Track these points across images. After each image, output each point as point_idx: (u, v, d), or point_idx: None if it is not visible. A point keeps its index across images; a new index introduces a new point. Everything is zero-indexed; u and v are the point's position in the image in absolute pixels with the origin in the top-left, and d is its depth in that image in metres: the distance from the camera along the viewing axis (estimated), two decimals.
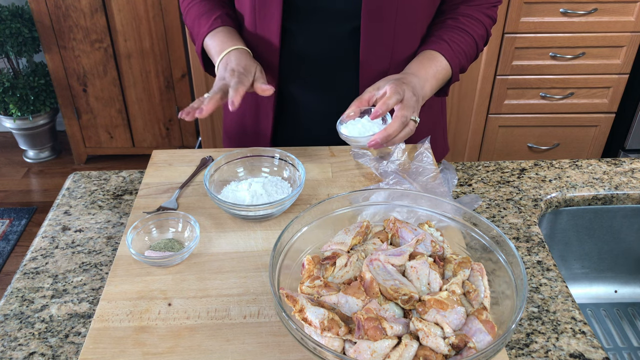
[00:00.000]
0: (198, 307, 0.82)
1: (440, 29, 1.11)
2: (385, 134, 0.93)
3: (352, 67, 1.09)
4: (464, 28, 1.10)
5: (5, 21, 2.60)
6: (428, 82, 1.05)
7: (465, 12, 1.12)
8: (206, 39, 1.10)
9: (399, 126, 0.93)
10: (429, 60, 1.07)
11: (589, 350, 0.79)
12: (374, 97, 0.97)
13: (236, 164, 1.04)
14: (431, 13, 1.12)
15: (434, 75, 1.06)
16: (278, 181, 1.02)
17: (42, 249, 0.96)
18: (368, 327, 0.65)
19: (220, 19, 1.11)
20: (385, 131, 0.93)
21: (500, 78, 2.36)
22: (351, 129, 0.99)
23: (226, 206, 0.94)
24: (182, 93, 2.81)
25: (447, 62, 1.08)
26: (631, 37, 2.26)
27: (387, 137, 0.93)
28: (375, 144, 0.93)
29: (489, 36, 1.16)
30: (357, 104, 0.98)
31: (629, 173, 1.15)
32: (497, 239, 0.78)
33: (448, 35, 1.09)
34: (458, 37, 1.10)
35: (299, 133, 1.20)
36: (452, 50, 1.08)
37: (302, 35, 1.08)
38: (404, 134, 0.95)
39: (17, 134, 2.99)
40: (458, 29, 1.10)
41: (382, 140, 0.93)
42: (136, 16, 2.60)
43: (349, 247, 0.79)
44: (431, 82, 1.06)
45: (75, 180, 1.13)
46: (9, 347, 0.79)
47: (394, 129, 0.93)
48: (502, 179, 1.13)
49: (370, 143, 0.94)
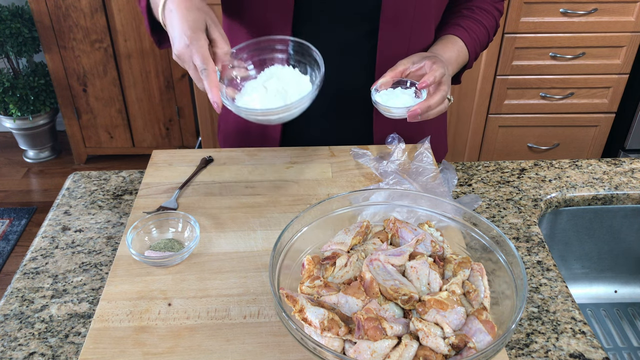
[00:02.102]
0: (198, 307, 0.82)
1: (456, 17, 1.15)
2: (427, 104, 0.95)
3: (366, 69, 1.09)
4: (478, 18, 1.14)
5: (5, 21, 2.60)
6: (451, 65, 1.08)
7: (477, 4, 1.16)
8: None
9: (440, 99, 0.96)
10: (452, 43, 1.10)
11: (589, 350, 0.79)
12: (408, 70, 0.99)
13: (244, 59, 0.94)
14: (442, 10, 1.15)
15: (455, 59, 1.09)
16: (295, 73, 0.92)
17: (42, 249, 0.96)
18: (368, 327, 0.65)
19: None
20: (427, 102, 0.95)
21: (500, 78, 2.36)
22: (385, 99, 1.00)
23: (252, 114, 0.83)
24: (182, 93, 2.81)
25: (465, 48, 1.11)
26: (631, 37, 2.26)
27: (427, 109, 0.96)
28: (414, 114, 0.96)
29: (497, 27, 1.20)
30: (391, 75, 0.99)
31: (629, 173, 1.15)
32: (497, 239, 0.78)
33: (465, 22, 1.13)
34: (474, 26, 1.14)
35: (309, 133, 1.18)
36: (470, 36, 1.12)
37: (314, 38, 1.08)
38: (441, 108, 0.98)
39: (17, 134, 2.99)
40: (472, 19, 1.14)
41: (422, 111, 0.96)
42: (136, 16, 2.60)
43: (349, 247, 0.79)
44: (453, 65, 1.09)
45: (75, 180, 1.13)
46: (9, 347, 0.79)
47: (435, 101, 0.95)
48: (502, 179, 1.13)
49: (411, 112, 0.96)
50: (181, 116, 2.88)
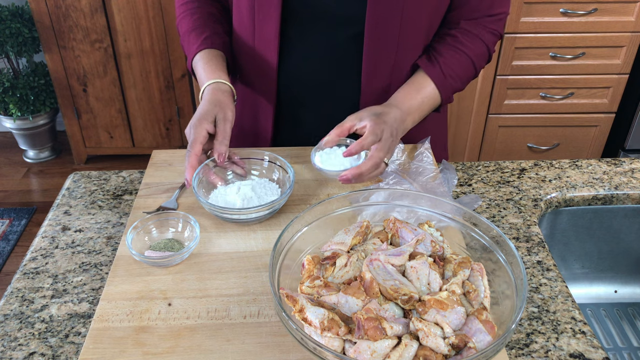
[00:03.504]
0: (198, 307, 0.82)
1: (438, 45, 1.10)
2: (358, 171, 0.95)
3: (353, 72, 1.09)
4: (462, 49, 1.08)
5: (5, 21, 2.60)
6: (410, 116, 1.06)
7: (466, 28, 1.09)
8: (194, 60, 1.12)
9: (372, 166, 0.95)
10: (416, 90, 1.07)
11: (589, 350, 0.79)
12: (354, 127, 0.98)
13: (225, 166, 1.04)
14: (435, 22, 1.10)
15: (418, 108, 1.07)
16: (266, 183, 1.01)
17: (42, 249, 0.96)
18: (368, 327, 0.65)
19: (209, 39, 1.12)
20: (358, 169, 0.94)
21: (500, 78, 2.36)
22: (325, 159, 1.01)
23: (217, 210, 0.94)
24: (182, 93, 2.81)
25: (436, 91, 1.08)
26: (631, 37, 2.26)
27: (358, 175, 0.95)
28: (345, 179, 0.95)
29: (491, 54, 1.13)
30: (337, 132, 0.98)
31: (629, 173, 1.15)
32: (497, 239, 0.78)
33: (444, 57, 1.08)
34: (454, 60, 1.08)
35: (299, 134, 1.19)
36: (445, 76, 1.08)
37: (302, 41, 1.08)
38: (374, 174, 0.97)
39: (17, 134, 2.99)
40: (455, 49, 1.08)
41: (352, 177, 0.95)
42: (136, 16, 2.60)
43: (349, 247, 0.79)
44: (414, 115, 1.07)
45: (75, 180, 1.13)
46: (9, 347, 0.79)
47: (367, 168, 0.94)
48: (502, 179, 1.13)
49: (341, 178, 0.95)
50: (181, 116, 2.88)
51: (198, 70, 1.10)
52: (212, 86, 1.05)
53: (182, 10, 1.18)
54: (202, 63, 1.10)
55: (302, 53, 1.09)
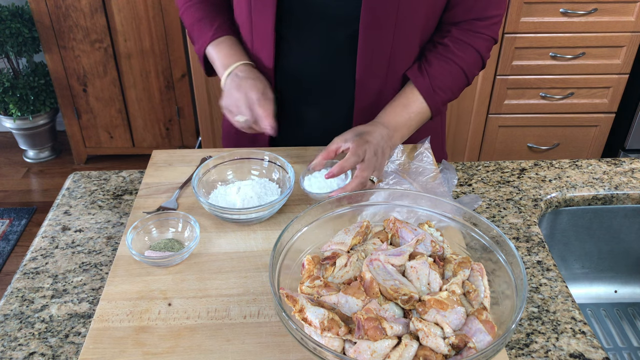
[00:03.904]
0: (198, 307, 0.82)
1: (430, 55, 1.09)
2: (344, 192, 0.95)
3: (349, 72, 1.09)
4: (453, 59, 1.08)
5: (5, 21, 2.60)
6: (398, 132, 1.07)
7: (458, 37, 1.08)
8: (209, 48, 1.12)
9: (357, 186, 0.95)
10: (403, 106, 1.08)
11: (589, 350, 0.79)
12: (340, 149, 0.99)
13: (225, 166, 1.04)
14: (432, 22, 1.09)
15: (405, 124, 1.08)
16: (266, 183, 1.02)
17: (42, 249, 0.96)
18: (368, 327, 0.65)
19: (222, 27, 1.13)
20: (343, 189, 0.95)
21: (500, 78, 2.36)
22: (313, 182, 1.02)
23: (217, 210, 0.94)
24: (182, 93, 2.81)
25: (425, 105, 1.08)
26: (631, 37, 2.26)
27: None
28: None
29: (484, 61, 1.12)
30: (324, 156, 0.99)
31: (629, 173, 1.15)
32: (497, 239, 0.78)
33: (434, 68, 1.07)
34: (445, 71, 1.08)
35: (298, 133, 1.20)
36: (434, 89, 1.08)
37: (298, 40, 1.08)
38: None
39: (17, 134, 2.99)
40: (446, 60, 1.08)
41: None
42: (136, 16, 2.60)
43: (349, 247, 0.79)
44: (402, 131, 1.07)
45: (75, 180, 1.13)
46: (9, 347, 0.79)
47: (351, 188, 0.95)
48: (502, 179, 1.13)
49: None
50: (181, 116, 2.88)
51: (219, 54, 1.11)
52: (246, 66, 1.08)
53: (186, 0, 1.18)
54: (224, 47, 1.11)
55: (298, 52, 1.09)
